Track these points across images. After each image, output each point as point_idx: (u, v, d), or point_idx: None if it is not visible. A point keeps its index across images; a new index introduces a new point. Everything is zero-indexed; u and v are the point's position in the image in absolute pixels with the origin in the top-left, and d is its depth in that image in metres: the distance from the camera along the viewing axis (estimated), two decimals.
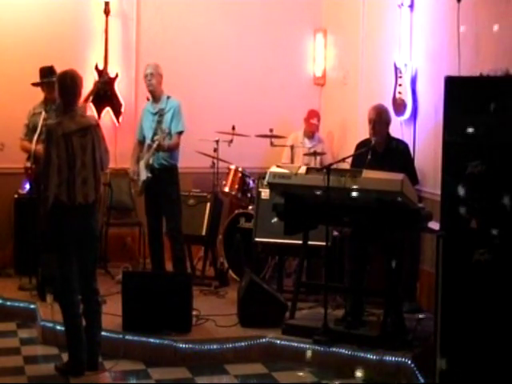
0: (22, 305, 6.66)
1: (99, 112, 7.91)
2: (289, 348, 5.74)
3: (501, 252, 4.71)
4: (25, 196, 7.37)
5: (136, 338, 5.74)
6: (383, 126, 6.11)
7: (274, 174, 5.80)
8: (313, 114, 8.17)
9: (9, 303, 6.72)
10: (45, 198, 5.21)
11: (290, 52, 8.69)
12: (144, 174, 6.75)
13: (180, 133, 6.83)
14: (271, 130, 7.65)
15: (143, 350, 5.72)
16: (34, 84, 7.04)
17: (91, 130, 5.32)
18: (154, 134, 6.77)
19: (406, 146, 6.26)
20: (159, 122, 6.78)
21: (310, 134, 8.13)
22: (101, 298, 5.60)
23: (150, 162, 6.74)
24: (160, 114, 6.78)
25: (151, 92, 6.90)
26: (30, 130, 6.84)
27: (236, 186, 7.55)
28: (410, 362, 5.35)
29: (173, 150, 6.82)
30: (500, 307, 4.72)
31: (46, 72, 6.88)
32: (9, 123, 7.61)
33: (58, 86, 5.37)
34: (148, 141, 6.83)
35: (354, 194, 5.43)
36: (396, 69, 7.01)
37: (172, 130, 6.78)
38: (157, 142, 6.68)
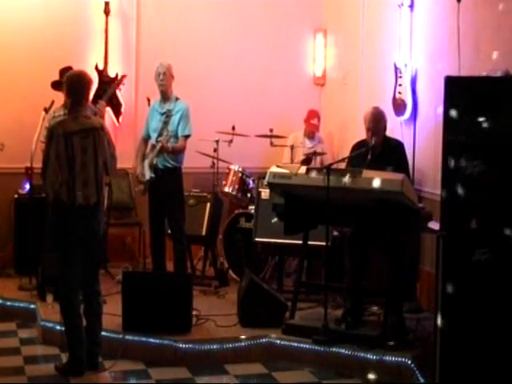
0: (22, 305, 6.66)
1: None
2: (289, 348, 5.74)
3: (501, 252, 4.71)
4: (25, 196, 7.38)
5: (136, 338, 5.74)
6: (381, 131, 6.12)
7: (274, 174, 5.81)
8: (313, 115, 8.15)
9: (9, 303, 6.71)
10: (45, 195, 5.23)
11: (290, 52, 8.68)
12: (148, 174, 6.74)
13: (187, 136, 6.81)
14: (271, 130, 7.65)
15: (143, 350, 5.72)
16: (54, 82, 6.98)
17: (94, 133, 5.30)
18: (159, 134, 6.75)
19: (400, 144, 6.26)
20: (165, 123, 6.75)
21: (311, 134, 8.12)
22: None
23: (154, 162, 6.73)
24: (167, 114, 6.75)
25: (161, 92, 6.87)
26: None
27: (236, 186, 7.54)
28: (410, 362, 5.36)
29: (178, 153, 6.79)
30: (500, 307, 4.72)
31: (65, 72, 6.78)
32: (9, 123, 7.63)
33: (66, 85, 5.38)
34: (153, 140, 6.82)
35: None
36: (396, 69, 7.00)
37: (179, 133, 6.77)
38: (160, 144, 6.67)
